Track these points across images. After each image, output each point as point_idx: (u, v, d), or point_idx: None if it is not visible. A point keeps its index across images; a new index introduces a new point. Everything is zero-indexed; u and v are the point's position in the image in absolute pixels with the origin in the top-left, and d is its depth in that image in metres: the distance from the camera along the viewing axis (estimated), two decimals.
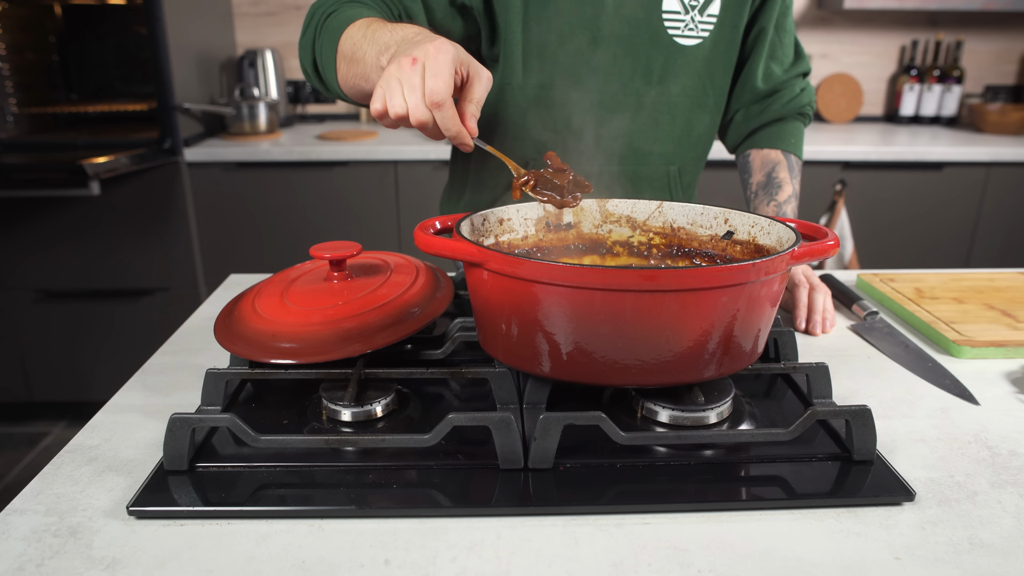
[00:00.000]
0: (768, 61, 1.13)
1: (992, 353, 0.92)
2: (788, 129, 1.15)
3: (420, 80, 0.68)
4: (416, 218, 2.40)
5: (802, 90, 1.15)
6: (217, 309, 1.03)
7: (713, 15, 1.04)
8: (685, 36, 1.04)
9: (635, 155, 1.11)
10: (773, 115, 1.15)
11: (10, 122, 2.47)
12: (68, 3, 2.61)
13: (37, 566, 0.54)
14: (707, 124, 1.14)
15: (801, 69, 1.16)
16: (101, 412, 0.76)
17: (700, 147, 1.16)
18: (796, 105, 1.15)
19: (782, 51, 1.14)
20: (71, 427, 2.53)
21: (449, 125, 0.70)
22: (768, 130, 1.16)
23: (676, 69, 1.06)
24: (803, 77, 1.17)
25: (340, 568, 0.54)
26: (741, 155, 1.19)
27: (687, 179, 1.17)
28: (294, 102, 2.90)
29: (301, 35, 0.94)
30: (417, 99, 0.68)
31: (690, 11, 1.02)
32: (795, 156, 1.14)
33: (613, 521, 0.60)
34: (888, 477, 0.64)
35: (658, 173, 1.13)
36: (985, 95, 2.99)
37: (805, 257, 0.68)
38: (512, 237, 0.85)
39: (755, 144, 1.16)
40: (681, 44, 1.05)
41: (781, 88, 1.14)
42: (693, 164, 1.17)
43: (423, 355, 0.82)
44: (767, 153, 1.14)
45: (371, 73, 0.81)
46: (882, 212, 2.50)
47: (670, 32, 1.04)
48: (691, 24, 1.03)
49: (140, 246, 2.38)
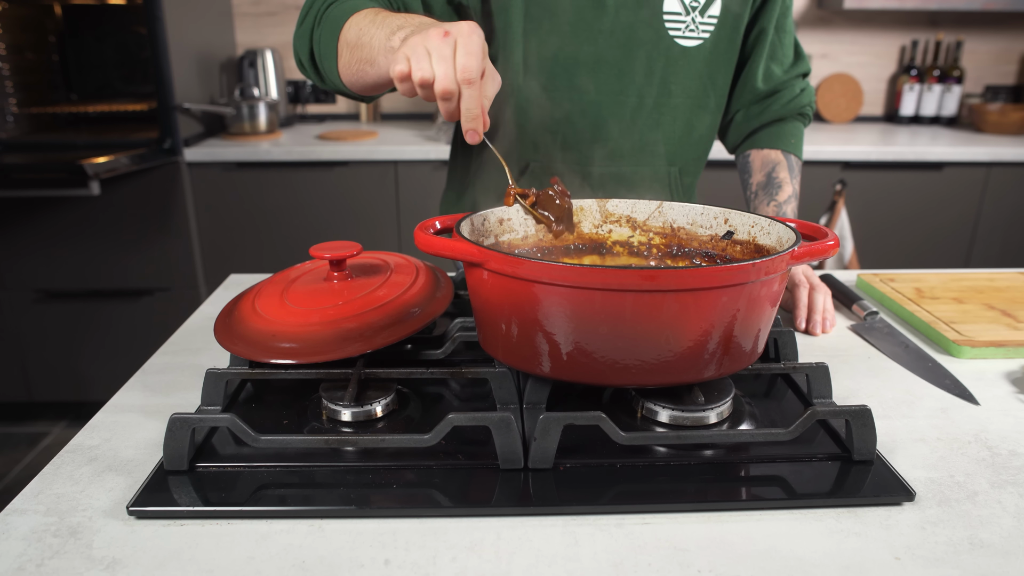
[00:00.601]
0: (768, 62, 1.13)
1: (992, 353, 0.92)
2: (788, 129, 1.15)
3: (451, 52, 0.67)
4: (416, 218, 2.40)
5: (802, 90, 1.15)
6: (217, 309, 1.03)
7: (714, 16, 1.04)
8: (686, 37, 1.04)
9: (635, 156, 1.11)
10: (773, 115, 1.15)
11: (10, 122, 2.47)
12: (68, 3, 2.61)
13: (37, 566, 0.54)
14: (708, 125, 1.14)
15: (801, 70, 1.16)
16: (101, 412, 0.76)
17: (701, 148, 1.16)
18: (796, 105, 1.15)
19: (782, 52, 1.14)
20: (71, 427, 2.53)
21: (473, 105, 0.68)
22: (768, 130, 1.16)
23: (677, 70, 1.06)
24: (803, 77, 1.17)
25: (340, 568, 0.54)
26: (741, 155, 1.19)
27: (688, 180, 1.17)
28: (294, 102, 2.90)
29: (297, 26, 0.93)
30: (447, 69, 0.67)
31: (691, 12, 1.02)
32: (795, 156, 1.15)
33: (613, 521, 0.60)
34: (888, 477, 0.64)
35: (659, 174, 1.13)
36: (985, 95, 2.99)
37: (805, 257, 0.68)
38: (512, 237, 0.85)
39: (755, 144, 1.16)
40: (682, 45, 1.05)
41: (781, 88, 1.15)
42: (694, 165, 1.17)
43: (423, 355, 0.82)
44: (767, 153, 1.14)
45: (378, 56, 0.80)
46: (882, 212, 2.50)
47: (671, 33, 1.04)
48: (692, 25, 1.04)
49: (140, 246, 2.38)
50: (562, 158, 1.09)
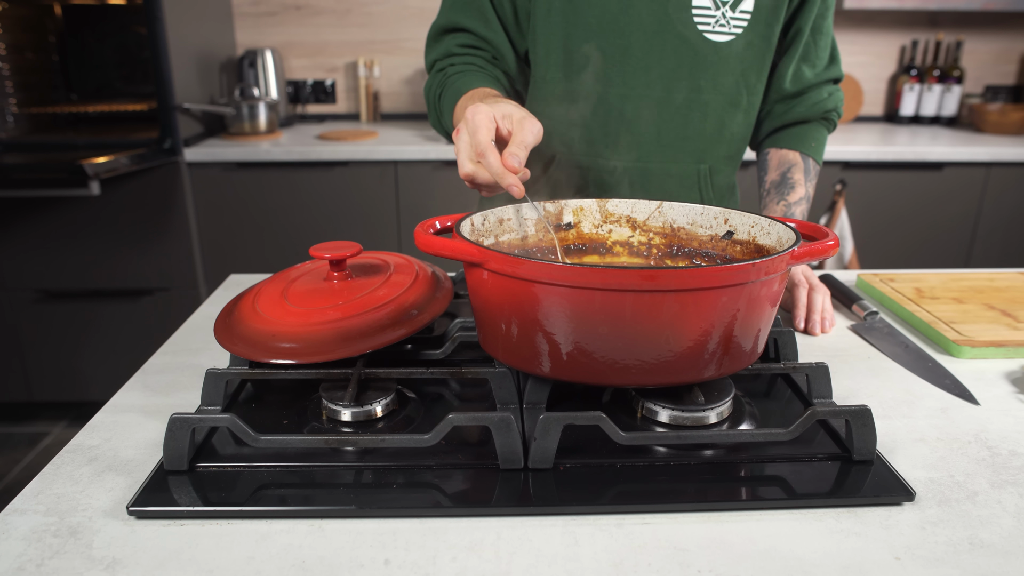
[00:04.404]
0: (800, 63, 1.11)
1: (992, 353, 0.92)
2: (810, 132, 1.14)
3: (465, 141, 0.78)
4: (416, 218, 2.40)
5: (829, 95, 1.14)
6: (217, 309, 1.03)
7: (746, 11, 1.03)
8: (716, 32, 1.03)
9: (664, 152, 1.09)
10: (797, 116, 1.14)
11: (10, 122, 2.47)
12: (68, 3, 2.61)
13: (37, 566, 0.54)
14: (740, 123, 1.12)
15: (832, 75, 1.14)
16: (101, 412, 0.76)
17: (733, 147, 1.14)
18: (821, 109, 1.13)
19: (816, 54, 1.12)
20: (71, 427, 2.53)
21: (493, 170, 0.75)
22: (790, 131, 1.15)
23: (707, 66, 1.05)
24: (834, 83, 1.16)
25: (340, 568, 0.54)
26: (761, 152, 1.18)
27: (719, 179, 1.15)
28: (294, 102, 2.90)
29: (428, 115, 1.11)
30: (464, 156, 0.78)
31: (721, 7, 1.01)
32: (813, 160, 1.14)
33: (613, 521, 0.60)
34: (888, 477, 0.64)
35: (688, 171, 1.11)
36: (985, 95, 2.99)
37: (805, 257, 0.68)
38: (512, 237, 0.85)
39: (775, 143, 1.15)
40: (712, 40, 1.03)
41: (808, 91, 1.13)
42: (725, 164, 1.14)
43: (423, 355, 0.82)
44: (785, 153, 1.13)
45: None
46: (882, 212, 2.50)
47: (700, 28, 1.02)
48: (722, 20, 1.02)
49: (140, 246, 2.38)
50: (587, 151, 1.09)
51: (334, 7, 2.84)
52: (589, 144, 1.08)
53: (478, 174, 0.78)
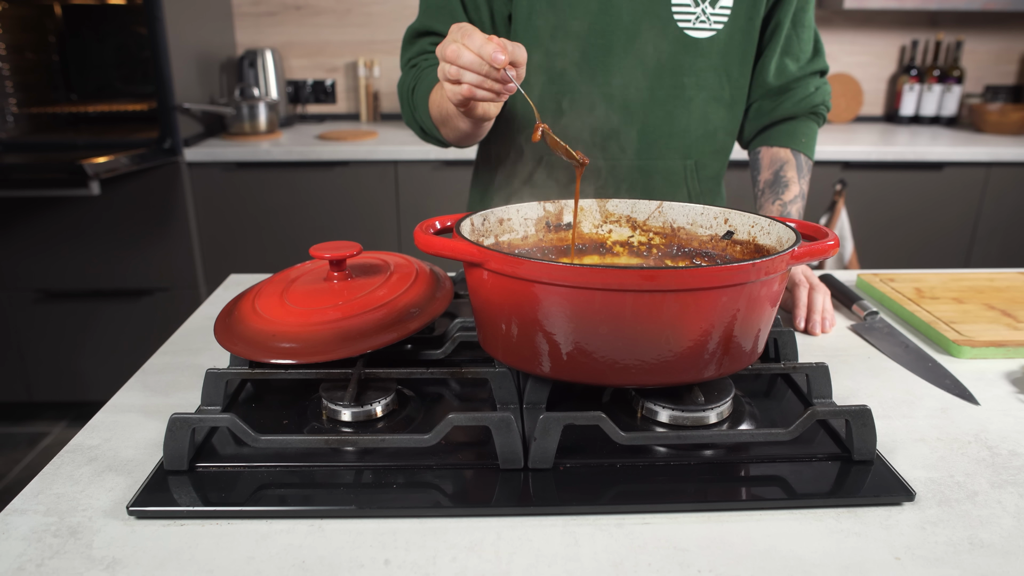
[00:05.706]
0: (782, 56, 1.11)
1: (992, 353, 0.92)
2: (800, 128, 1.14)
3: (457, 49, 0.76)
4: (416, 218, 2.40)
5: (816, 88, 1.13)
6: (217, 309, 1.03)
7: (726, 7, 1.03)
8: (696, 29, 1.03)
9: (650, 149, 1.09)
10: (785, 112, 1.13)
11: (10, 122, 2.47)
12: (68, 3, 2.61)
13: (37, 566, 0.54)
14: (724, 118, 1.12)
15: (817, 67, 1.14)
16: (101, 412, 0.76)
17: (718, 142, 1.14)
18: (808, 104, 1.13)
19: (799, 47, 1.12)
20: (71, 427, 2.53)
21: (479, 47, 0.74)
22: (779, 128, 1.14)
23: (688, 62, 1.05)
24: (820, 75, 1.15)
25: (340, 568, 0.54)
26: (752, 152, 1.18)
27: (706, 174, 1.15)
28: (294, 102, 2.90)
29: (402, 111, 1.10)
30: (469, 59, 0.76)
31: (700, 3, 1.02)
32: (805, 156, 1.13)
33: (613, 521, 0.60)
34: (888, 477, 0.64)
35: (674, 167, 1.11)
36: (985, 95, 2.99)
37: (805, 257, 0.68)
38: (512, 237, 0.85)
39: (766, 141, 1.15)
40: (693, 37, 1.04)
41: (794, 86, 1.13)
42: (712, 159, 1.15)
43: (423, 355, 0.82)
44: (776, 151, 1.13)
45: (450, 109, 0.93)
46: (882, 212, 2.50)
47: (680, 25, 1.03)
48: (702, 16, 1.02)
49: (140, 246, 2.38)
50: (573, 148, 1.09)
51: (334, 7, 2.84)
52: (572, 143, 1.08)
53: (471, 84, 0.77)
